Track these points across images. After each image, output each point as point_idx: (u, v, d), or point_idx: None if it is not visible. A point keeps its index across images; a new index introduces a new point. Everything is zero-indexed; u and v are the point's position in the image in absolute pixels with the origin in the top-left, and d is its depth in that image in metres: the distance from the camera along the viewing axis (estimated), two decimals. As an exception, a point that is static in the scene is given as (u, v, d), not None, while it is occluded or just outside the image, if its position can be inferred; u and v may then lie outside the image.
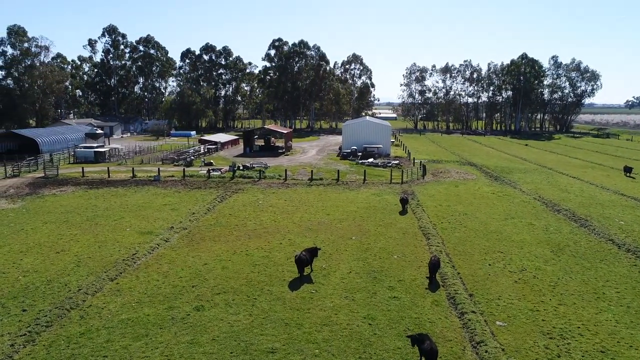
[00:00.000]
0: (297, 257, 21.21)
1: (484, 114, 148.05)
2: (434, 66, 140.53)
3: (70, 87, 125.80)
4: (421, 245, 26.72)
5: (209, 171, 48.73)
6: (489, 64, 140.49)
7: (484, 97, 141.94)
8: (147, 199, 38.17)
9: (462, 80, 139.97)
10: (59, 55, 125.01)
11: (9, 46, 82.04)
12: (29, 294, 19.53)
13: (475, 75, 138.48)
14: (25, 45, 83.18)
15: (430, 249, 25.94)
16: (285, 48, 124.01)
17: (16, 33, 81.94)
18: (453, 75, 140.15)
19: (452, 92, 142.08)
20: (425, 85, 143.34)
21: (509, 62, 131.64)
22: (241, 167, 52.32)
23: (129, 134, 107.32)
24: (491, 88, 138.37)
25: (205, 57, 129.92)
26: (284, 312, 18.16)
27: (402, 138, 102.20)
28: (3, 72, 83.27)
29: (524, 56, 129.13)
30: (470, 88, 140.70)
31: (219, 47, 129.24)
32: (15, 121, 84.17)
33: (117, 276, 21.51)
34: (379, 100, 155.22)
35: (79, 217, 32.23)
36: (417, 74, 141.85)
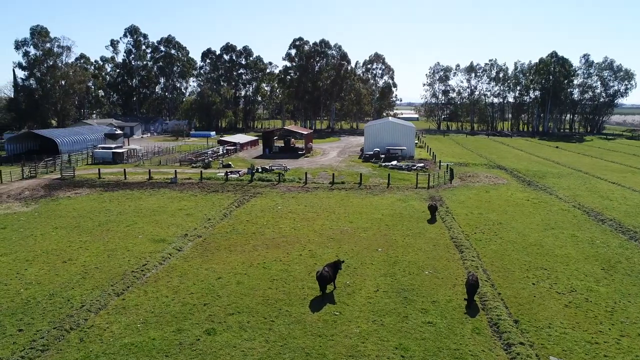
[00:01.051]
0: (319, 274, 19.16)
1: (510, 115, 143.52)
2: (458, 65, 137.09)
3: (93, 87, 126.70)
4: (454, 259, 24.36)
5: (226, 174, 47.17)
6: (515, 63, 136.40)
7: (510, 98, 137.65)
8: (162, 202, 36.72)
9: (488, 79, 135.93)
10: (82, 56, 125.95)
11: (31, 46, 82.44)
12: (29, 310, 18.00)
13: (501, 75, 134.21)
14: (48, 45, 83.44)
15: (465, 263, 23.56)
16: (306, 47, 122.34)
17: (39, 33, 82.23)
18: (478, 74, 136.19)
19: (476, 92, 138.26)
20: (449, 85, 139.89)
21: (537, 61, 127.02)
22: (260, 170, 50.62)
23: (149, 135, 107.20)
24: (518, 88, 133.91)
25: (226, 57, 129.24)
26: (304, 338, 16.14)
27: (426, 139, 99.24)
28: (26, 73, 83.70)
29: (553, 55, 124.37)
30: (496, 88, 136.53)
31: (239, 47, 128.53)
32: (38, 121, 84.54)
33: (124, 291, 19.84)
34: (401, 101, 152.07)
35: (91, 222, 30.90)
36: (441, 73, 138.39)
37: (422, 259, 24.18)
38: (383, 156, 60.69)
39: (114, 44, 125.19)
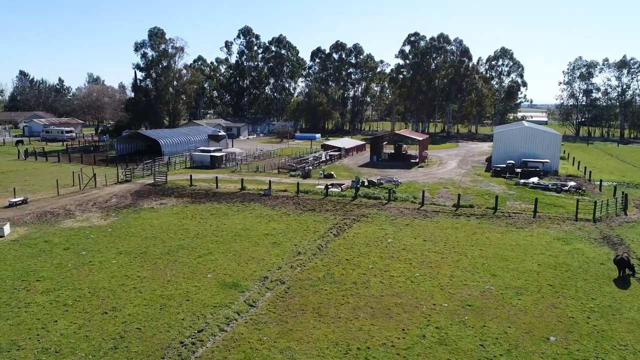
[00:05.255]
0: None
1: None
2: (606, 60, 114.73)
3: (208, 88, 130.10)
4: (700, 378, 13.87)
5: (326, 187, 40.04)
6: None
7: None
8: (249, 222, 30.63)
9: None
10: (199, 58, 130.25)
11: (149, 48, 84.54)
12: (18, 410, 12.17)
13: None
14: (163, 46, 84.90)
15: None
16: (422, 43, 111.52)
17: (155, 35, 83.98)
18: (632, 70, 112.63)
19: (629, 92, 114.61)
20: (592, 84, 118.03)
21: None
22: (366, 183, 42.67)
23: (255, 135, 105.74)
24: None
25: (335, 56, 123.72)
26: None
27: (566, 148, 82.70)
28: (143, 74, 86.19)
29: None
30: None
31: (349, 45, 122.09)
32: (152, 121, 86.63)
33: (157, 385, 13.25)
34: (531, 102, 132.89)
35: (162, 246, 25.67)
36: (583, 70, 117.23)
37: (638, 373, 14.12)
38: (519, 170, 48.79)
39: (228, 45, 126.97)
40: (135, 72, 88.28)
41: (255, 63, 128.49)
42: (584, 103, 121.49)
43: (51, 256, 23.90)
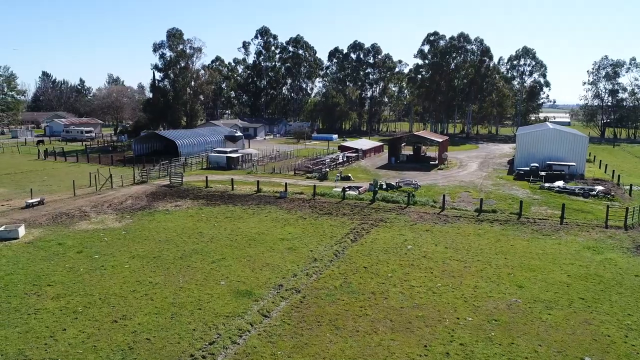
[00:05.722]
0: None
1: None
2: (633, 59, 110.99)
3: (225, 88, 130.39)
4: None
5: (343, 190, 39.14)
6: None
7: None
8: (264, 226, 29.95)
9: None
10: (217, 58, 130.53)
11: (167, 49, 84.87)
12: None
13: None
14: (181, 47, 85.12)
15: None
16: (442, 43, 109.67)
17: (174, 36, 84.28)
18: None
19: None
20: (618, 84, 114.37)
21: None
22: (384, 186, 41.63)
23: (272, 136, 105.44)
24: None
25: (353, 56, 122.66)
26: None
27: (591, 150, 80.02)
28: (161, 74, 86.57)
29: None
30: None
31: (367, 45, 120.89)
32: (169, 121, 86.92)
33: (165, 403, 12.57)
34: (553, 102, 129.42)
35: (175, 250, 25.15)
36: (609, 69, 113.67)
37: (686, 402, 12.88)
38: (543, 174, 47.08)
39: (245, 45, 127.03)
40: (153, 72, 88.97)
41: (273, 63, 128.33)
42: (609, 104, 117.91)
43: (64, 259, 23.58)
